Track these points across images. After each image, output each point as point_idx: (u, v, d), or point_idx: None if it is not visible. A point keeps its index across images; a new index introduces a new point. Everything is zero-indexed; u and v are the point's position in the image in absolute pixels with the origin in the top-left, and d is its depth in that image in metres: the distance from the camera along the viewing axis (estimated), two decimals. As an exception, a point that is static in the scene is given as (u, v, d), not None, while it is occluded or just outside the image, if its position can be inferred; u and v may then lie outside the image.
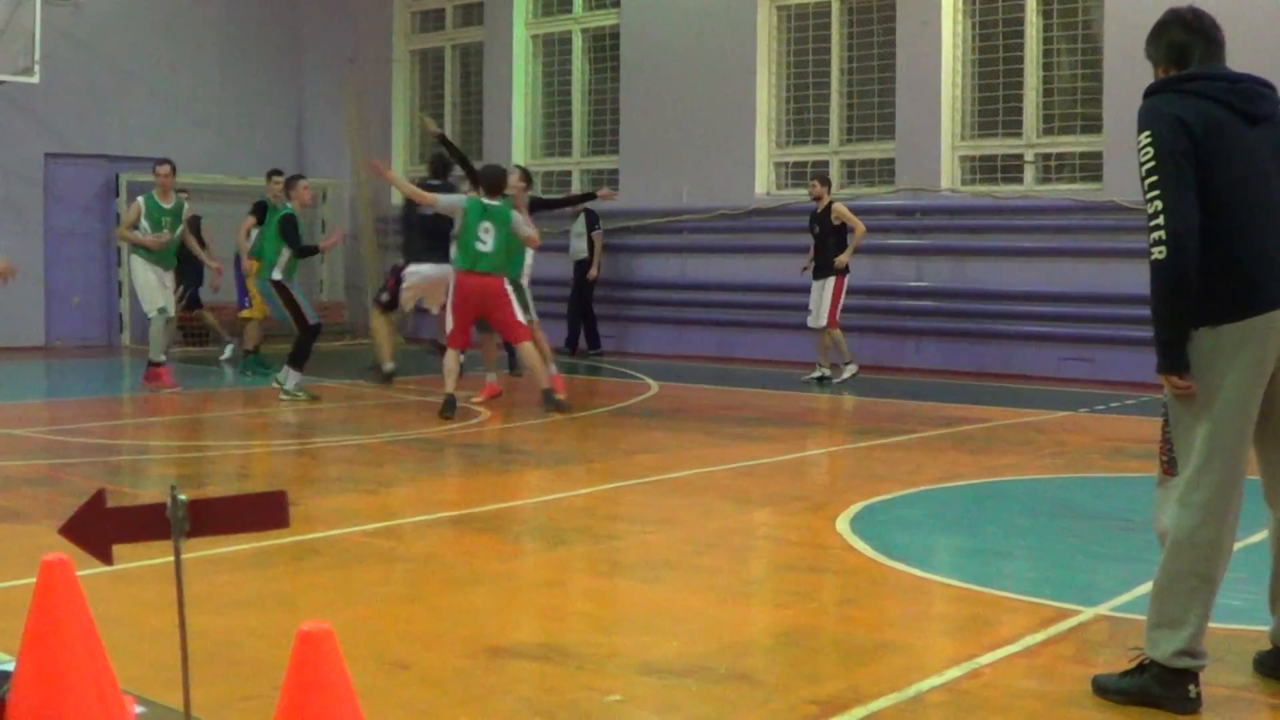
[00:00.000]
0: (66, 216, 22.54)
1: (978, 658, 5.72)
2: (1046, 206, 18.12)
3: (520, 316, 14.48)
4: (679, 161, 21.29)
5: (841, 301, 17.43)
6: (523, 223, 14.65)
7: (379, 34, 25.97)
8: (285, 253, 15.41)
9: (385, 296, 16.34)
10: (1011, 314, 18.32)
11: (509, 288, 14.36)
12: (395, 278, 16.29)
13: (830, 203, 17.47)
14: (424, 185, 15.68)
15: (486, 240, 14.05)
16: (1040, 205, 18.19)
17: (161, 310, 16.16)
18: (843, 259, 17.33)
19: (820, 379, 17.54)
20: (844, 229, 17.29)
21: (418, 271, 15.80)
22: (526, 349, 14.38)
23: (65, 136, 22.47)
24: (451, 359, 14.35)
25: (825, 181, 17.77)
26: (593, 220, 21.04)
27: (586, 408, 15.08)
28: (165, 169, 16.32)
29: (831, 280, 17.32)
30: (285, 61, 26.02)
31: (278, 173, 18.27)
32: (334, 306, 25.31)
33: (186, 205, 16.74)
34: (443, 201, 14.41)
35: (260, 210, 18.08)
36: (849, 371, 17.47)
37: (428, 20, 25.97)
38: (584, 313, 21.27)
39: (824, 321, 17.37)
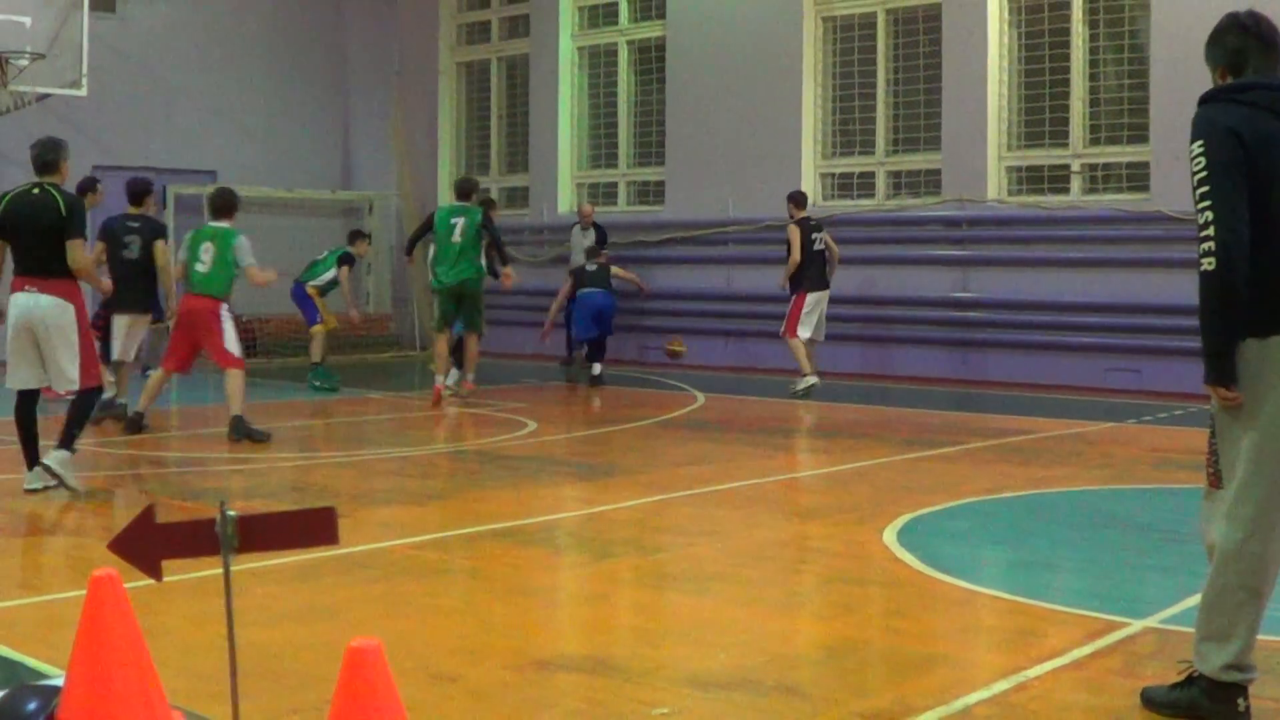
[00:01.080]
0: (115, 229, 22.63)
1: (1025, 670, 5.70)
2: (1093, 217, 18.04)
3: (232, 345, 13.48)
4: (725, 173, 21.29)
5: (800, 316, 17.47)
6: (248, 251, 13.72)
7: (425, 46, 26.05)
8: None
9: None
10: (1058, 325, 18.24)
11: (223, 312, 13.52)
12: (104, 326, 14.46)
13: (789, 224, 17.79)
14: (124, 218, 14.61)
15: (205, 260, 13.54)
16: (1087, 215, 18.12)
17: None
18: (780, 281, 17.76)
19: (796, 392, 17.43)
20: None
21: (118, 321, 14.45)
22: (235, 375, 13.39)
23: (112, 149, 22.57)
24: (154, 379, 13.90)
25: (789, 199, 18.03)
26: (602, 238, 21.04)
27: (632, 419, 15.09)
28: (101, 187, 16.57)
29: (793, 296, 17.56)
30: (331, 74, 26.13)
31: (366, 235, 19.45)
32: (381, 318, 25.41)
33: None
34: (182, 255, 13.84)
35: (348, 260, 19.12)
36: (803, 384, 17.27)
37: (474, 32, 26.03)
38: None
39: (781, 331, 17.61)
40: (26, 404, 10.24)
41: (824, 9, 20.72)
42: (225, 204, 14.01)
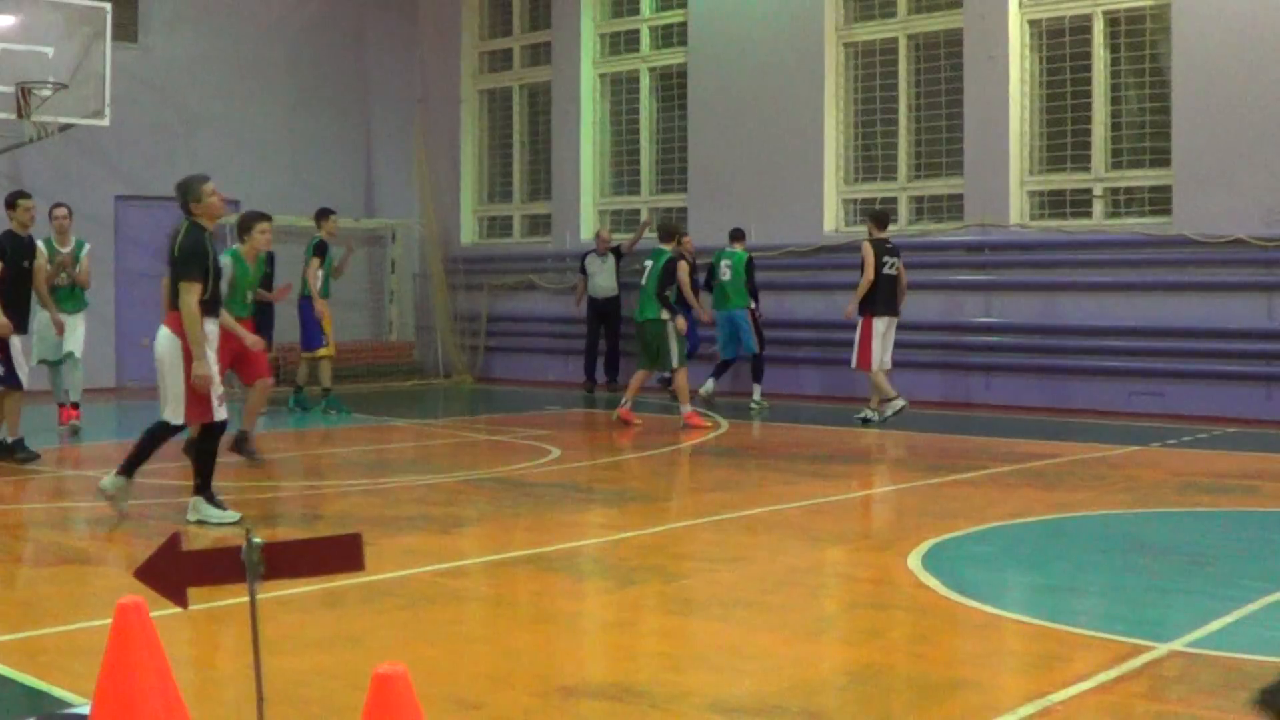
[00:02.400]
0: (137, 258, 22.66)
1: (1050, 695, 5.69)
2: (1116, 241, 18.01)
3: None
4: (747, 199, 21.28)
5: (872, 344, 16.92)
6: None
7: (447, 74, 26.11)
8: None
9: (1, 371, 13.78)
10: (1081, 349, 18.22)
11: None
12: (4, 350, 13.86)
13: (864, 241, 17.29)
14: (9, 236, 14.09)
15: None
16: (1109, 239, 18.08)
17: (48, 362, 15.93)
18: (849, 309, 17.20)
19: (864, 420, 17.04)
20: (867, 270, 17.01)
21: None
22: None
23: (135, 179, 22.67)
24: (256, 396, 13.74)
25: (869, 217, 17.64)
26: (618, 264, 21.34)
27: (656, 446, 15.08)
28: (62, 211, 16.19)
29: (860, 320, 17.09)
30: (354, 102, 26.20)
31: (330, 212, 18.52)
32: (403, 346, 25.44)
33: (86, 247, 16.48)
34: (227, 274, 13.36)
35: (322, 250, 18.16)
36: (891, 408, 16.82)
37: (496, 60, 26.09)
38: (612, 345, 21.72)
39: (853, 363, 17.25)
40: (184, 438, 10.44)
41: (845, 35, 20.75)
42: (248, 222, 14.01)
